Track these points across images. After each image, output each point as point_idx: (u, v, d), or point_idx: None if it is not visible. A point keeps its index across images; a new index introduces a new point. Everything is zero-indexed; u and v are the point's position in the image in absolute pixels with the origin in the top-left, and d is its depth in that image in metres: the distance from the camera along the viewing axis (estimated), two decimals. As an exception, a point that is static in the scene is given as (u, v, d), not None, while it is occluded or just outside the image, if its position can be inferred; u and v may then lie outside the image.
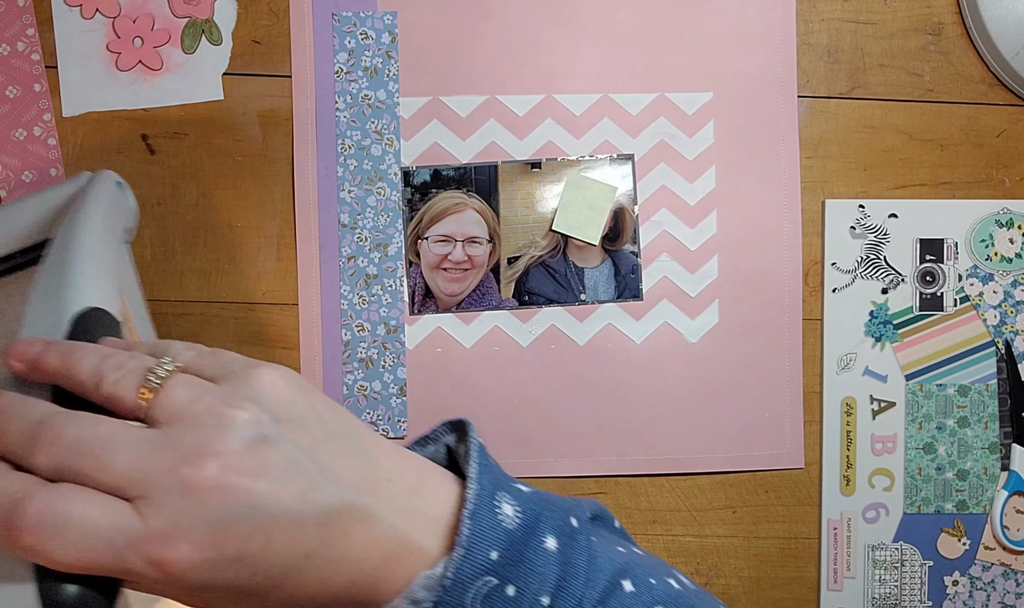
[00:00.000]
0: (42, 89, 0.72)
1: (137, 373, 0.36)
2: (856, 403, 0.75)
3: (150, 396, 0.35)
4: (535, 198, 0.74)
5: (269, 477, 0.35)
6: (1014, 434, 0.75)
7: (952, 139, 0.75)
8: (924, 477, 0.75)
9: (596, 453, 0.75)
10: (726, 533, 0.76)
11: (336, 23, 0.74)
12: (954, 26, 0.75)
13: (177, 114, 0.73)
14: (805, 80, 0.75)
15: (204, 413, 0.35)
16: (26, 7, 0.72)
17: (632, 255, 0.74)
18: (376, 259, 0.74)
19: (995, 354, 0.75)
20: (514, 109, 0.74)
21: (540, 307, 0.75)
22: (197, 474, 0.33)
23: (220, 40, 0.73)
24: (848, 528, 0.75)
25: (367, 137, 0.74)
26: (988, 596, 0.76)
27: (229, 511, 0.34)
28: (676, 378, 0.75)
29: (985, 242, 0.75)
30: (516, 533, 0.38)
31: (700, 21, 0.74)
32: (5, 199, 0.72)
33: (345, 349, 0.74)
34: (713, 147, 0.75)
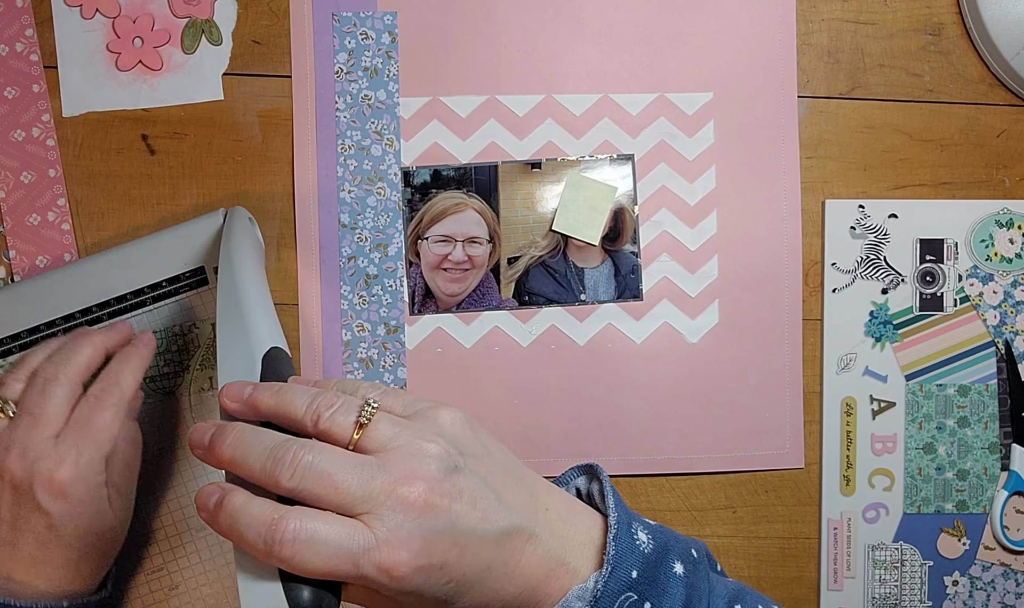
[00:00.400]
0: (41, 90, 0.72)
1: (349, 411, 0.44)
2: (856, 403, 0.75)
3: (361, 432, 0.43)
4: (535, 198, 0.74)
5: (461, 500, 0.43)
6: (1014, 434, 0.75)
7: (952, 139, 0.75)
8: (924, 477, 0.75)
9: (596, 453, 0.75)
10: (726, 533, 0.76)
11: (336, 23, 0.74)
12: (954, 26, 0.75)
13: (177, 114, 0.73)
14: (805, 80, 0.75)
15: (405, 445, 0.43)
16: (25, 8, 0.72)
17: (632, 255, 0.74)
18: (376, 259, 0.74)
19: (995, 354, 0.75)
20: (514, 109, 0.74)
21: (540, 307, 0.75)
22: (410, 494, 0.41)
23: (220, 40, 0.73)
24: (848, 528, 0.75)
25: (367, 137, 0.74)
26: (988, 596, 0.76)
27: (435, 526, 0.42)
28: (676, 378, 0.75)
29: (985, 242, 0.75)
30: (651, 557, 0.46)
31: (700, 21, 0.74)
32: (3, 200, 0.72)
33: (345, 349, 0.74)
34: (713, 147, 0.75)
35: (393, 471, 0.42)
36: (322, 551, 0.40)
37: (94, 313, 0.69)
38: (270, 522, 0.41)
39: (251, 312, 0.55)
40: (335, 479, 0.42)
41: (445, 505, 0.42)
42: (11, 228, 0.72)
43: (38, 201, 0.72)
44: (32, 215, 0.72)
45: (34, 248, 0.72)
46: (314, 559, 0.40)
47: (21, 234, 0.72)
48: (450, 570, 0.42)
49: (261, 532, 0.41)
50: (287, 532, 0.40)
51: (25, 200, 0.72)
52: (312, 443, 0.43)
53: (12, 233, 0.72)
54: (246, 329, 0.53)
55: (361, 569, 0.41)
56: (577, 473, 0.53)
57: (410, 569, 0.41)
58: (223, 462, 0.44)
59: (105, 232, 0.73)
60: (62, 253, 0.72)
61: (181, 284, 0.69)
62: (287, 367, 0.52)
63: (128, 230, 0.73)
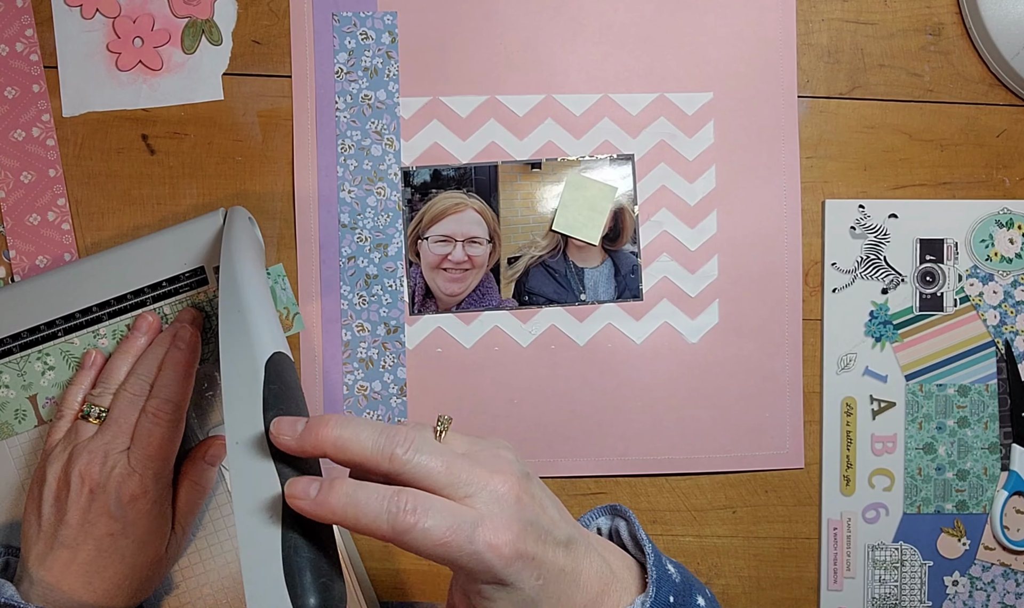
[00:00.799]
0: (41, 90, 0.72)
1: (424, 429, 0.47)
2: (856, 403, 0.75)
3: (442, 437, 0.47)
4: (535, 198, 0.74)
5: (536, 502, 0.46)
6: (1014, 434, 0.75)
7: (952, 139, 0.75)
8: (924, 477, 0.75)
9: (596, 453, 0.75)
10: (726, 533, 0.76)
11: (336, 23, 0.74)
12: (954, 26, 0.75)
13: (177, 114, 0.73)
14: (805, 80, 0.75)
15: (484, 450, 0.47)
16: (25, 8, 0.72)
17: (632, 255, 0.74)
18: (376, 259, 0.74)
19: (995, 354, 0.75)
20: (514, 109, 0.74)
21: (540, 307, 0.74)
22: (503, 486, 0.45)
23: (220, 40, 0.73)
24: (848, 528, 0.75)
25: (367, 137, 0.74)
26: (988, 596, 0.76)
27: (524, 517, 0.45)
28: (676, 378, 0.75)
29: (985, 242, 0.75)
30: (680, 586, 0.50)
31: (700, 21, 0.74)
32: (3, 200, 0.72)
33: (345, 349, 0.74)
34: (713, 147, 0.75)
35: (485, 465, 0.46)
36: (441, 522, 0.43)
37: (94, 313, 0.69)
38: (389, 495, 0.43)
39: (253, 317, 0.54)
40: (444, 458, 0.45)
41: (527, 501, 0.46)
42: (11, 228, 0.72)
43: (38, 201, 0.72)
44: (32, 215, 0.72)
45: (34, 248, 0.72)
46: (435, 528, 0.43)
47: (21, 234, 0.72)
48: (539, 565, 0.45)
49: (383, 504, 0.43)
50: (408, 502, 0.43)
51: (25, 200, 0.72)
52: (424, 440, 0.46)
53: (12, 233, 0.72)
54: (248, 334, 0.53)
55: (474, 543, 0.43)
56: (599, 514, 0.56)
57: (513, 550, 0.44)
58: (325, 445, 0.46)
59: (105, 232, 0.73)
60: (62, 253, 0.72)
61: (181, 284, 0.69)
62: (290, 372, 0.52)
63: (128, 230, 0.73)
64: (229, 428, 0.48)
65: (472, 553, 0.43)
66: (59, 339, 0.69)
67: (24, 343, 0.68)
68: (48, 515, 0.62)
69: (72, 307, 0.68)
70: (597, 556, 0.49)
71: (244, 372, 0.51)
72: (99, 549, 0.61)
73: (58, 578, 0.60)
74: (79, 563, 0.61)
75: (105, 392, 0.65)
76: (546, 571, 0.45)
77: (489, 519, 0.44)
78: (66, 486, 0.62)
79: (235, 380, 0.50)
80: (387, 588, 0.75)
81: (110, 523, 0.61)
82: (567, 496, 0.75)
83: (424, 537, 0.43)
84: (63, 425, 0.66)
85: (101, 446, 0.62)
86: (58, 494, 0.62)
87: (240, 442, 0.48)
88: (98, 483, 0.61)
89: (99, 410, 0.64)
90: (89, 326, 0.69)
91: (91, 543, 0.61)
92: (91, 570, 0.61)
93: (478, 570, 0.44)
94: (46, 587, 0.60)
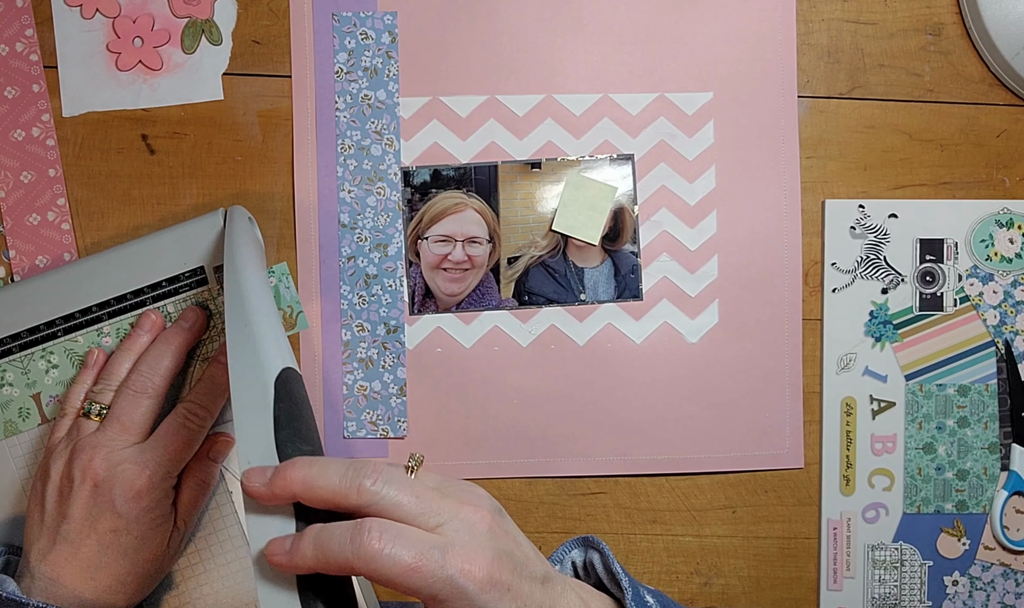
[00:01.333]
0: (40, 89, 0.72)
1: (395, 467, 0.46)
2: (856, 403, 0.75)
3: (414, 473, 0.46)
4: (535, 198, 0.74)
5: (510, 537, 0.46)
6: (1014, 434, 0.75)
7: (952, 139, 0.75)
8: (924, 477, 0.75)
9: (596, 453, 0.75)
10: (726, 533, 0.76)
11: (336, 23, 0.73)
12: (954, 26, 0.75)
13: (177, 114, 0.73)
14: (805, 80, 0.75)
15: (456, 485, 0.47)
16: (25, 8, 0.72)
17: (632, 255, 0.74)
18: (376, 259, 0.74)
19: (995, 354, 0.75)
20: (514, 109, 0.74)
21: (540, 307, 0.74)
22: (474, 516, 0.45)
23: (220, 40, 0.73)
24: (848, 528, 0.75)
25: (367, 137, 0.74)
26: (988, 596, 0.76)
27: (497, 546, 0.44)
28: (676, 378, 0.75)
29: (985, 242, 0.75)
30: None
31: (700, 21, 0.74)
32: (3, 200, 0.72)
33: (345, 349, 0.74)
34: (713, 147, 0.75)
35: (455, 497, 0.45)
36: (409, 547, 0.42)
37: (94, 313, 0.69)
38: (354, 525, 0.43)
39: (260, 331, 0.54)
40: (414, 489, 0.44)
41: (500, 533, 0.45)
42: (11, 228, 0.72)
43: (38, 201, 0.72)
44: (32, 215, 0.72)
45: (34, 248, 0.72)
46: (403, 553, 0.42)
47: (21, 234, 0.72)
48: (515, 596, 0.44)
49: (347, 535, 0.42)
50: (372, 528, 0.42)
51: (25, 200, 0.72)
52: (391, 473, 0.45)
53: (12, 233, 0.72)
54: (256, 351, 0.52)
55: (446, 568, 0.42)
56: (571, 546, 0.56)
57: (487, 576, 0.43)
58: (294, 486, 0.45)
59: (105, 232, 0.73)
60: (62, 253, 0.72)
61: (181, 284, 0.69)
62: (298, 387, 0.52)
63: (128, 230, 0.73)
64: (241, 449, 0.48)
65: (446, 579, 0.42)
66: (62, 338, 0.69)
67: (24, 343, 0.68)
68: (51, 511, 0.62)
69: (72, 307, 0.68)
70: (575, 595, 0.48)
71: (254, 392, 0.50)
72: (101, 545, 0.61)
73: (60, 573, 0.61)
74: (81, 558, 0.61)
75: (106, 389, 0.65)
76: (525, 603, 0.44)
77: (460, 546, 0.43)
78: (69, 482, 0.62)
79: (245, 400, 0.50)
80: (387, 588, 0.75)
81: (113, 519, 0.61)
82: (567, 496, 0.75)
83: (392, 563, 0.42)
84: (66, 423, 0.66)
85: (104, 442, 0.62)
86: (61, 490, 0.62)
87: (252, 463, 0.48)
88: (101, 478, 0.61)
89: (100, 407, 0.65)
90: (89, 326, 0.69)
91: (93, 539, 0.61)
92: (93, 566, 0.61)
93: (453, 598, 0.43)
94: (48, 582, 0.60)
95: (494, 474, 0.75)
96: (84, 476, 0.61)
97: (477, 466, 0.74)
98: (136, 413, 0.64)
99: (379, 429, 0.74)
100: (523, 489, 0.75)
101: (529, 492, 0.75)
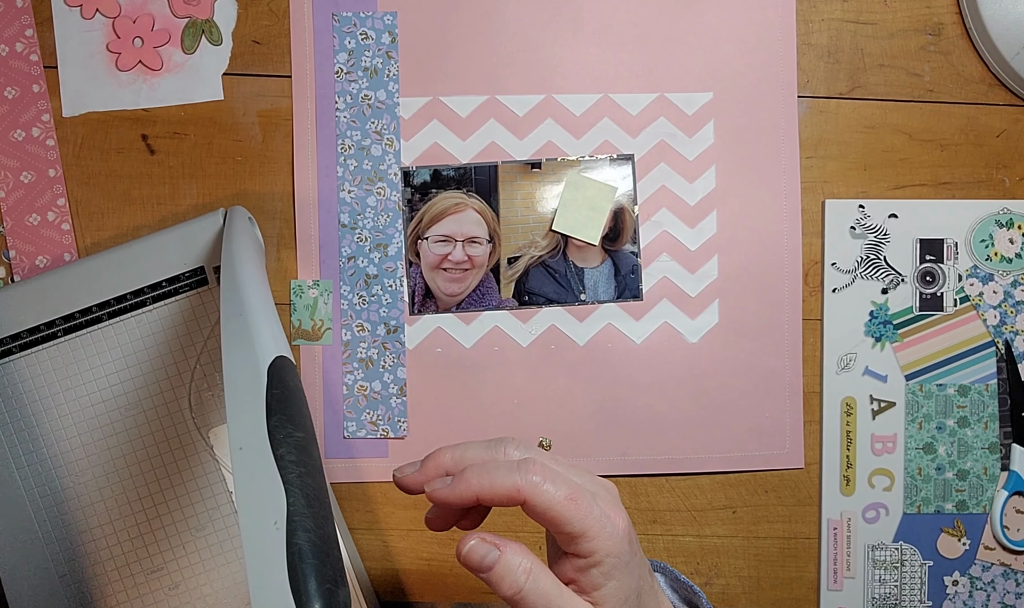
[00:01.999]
0: (41, 90, 0.72)
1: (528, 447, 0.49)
2: (856, 403, 0.75)
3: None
4: (535, 198, 0.74)
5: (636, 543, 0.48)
6: (1014, 434, 0.75)
7: (952, 139, 0.75)
8: (924, 477, 0.75)
9: (596, 453, 0.75)
10: (726, 533, 0.76)
11: (336, 23, 0.73)
12: (954, 26, 0.75)
13: (177, 114, 0.73)
14: (805, 80, 0.75)
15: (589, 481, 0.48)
16: (25, 8, 0.72)
17: (632, 255, 0.74)
18: (376, 259, 0.74)
19: (995, 354, 0.75)
20: (514, 109, 0.74)
21: (540, 307, 0.74)
22: (620, 523, 0.46)
23: (220, 40, 0.73)
24: (848, 528, 0.75)
25: (367, 137, 0.74)
26: (988, 596, 0.76)
27: (626, 516, 0.47)
28: (676, 378, 0.75)
29: (985, 242, 0.75)
30: None
31: (700, 21, 0.74)
32: (3, 200, 0.72)
33: (345, 349, 0.74)
34: (713, 147, 0.75)
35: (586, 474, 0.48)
36: (566, 482, 0.45)
37: (94, 313, 0.69)
38: (519, 461, 0.46)
39: (255, 321, 0.55)
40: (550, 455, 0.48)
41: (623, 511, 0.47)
42: (11, 228, 0.72)
43: (38, 201, 0.72)
44: (32, 215, 0.72)
45: (34, 248, 0.72)
46: (562, 486, 0.44)
47: (21, 234, 0.72)
48: (640, 564, 0.47)
49: (513, 466, 0.45)
50: (536, 464, 0.45)
51: (25, 200, 0.72)
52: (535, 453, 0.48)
53: (12, 233, 0.72)
54: (250, 340, 0.53)
55: (596, 506, 0.45)
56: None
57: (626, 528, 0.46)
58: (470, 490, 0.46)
59: (105, 232, 0.73)
60: (62, 253, 0.72)
61: (181, 284, 0.69)
62: (292, 376, 0.52)
63: (128, 230, 0.73)
64: (232, 434, 0.48)
65: (598, 515, 0.45)
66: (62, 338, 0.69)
67: (24, 344, 0.68)
68: None
69: (72, 307, 0.68)
70: (666, 595, 0.52)
71: (247, 378, 0.51)
72: None
73: None
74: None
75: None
76: (645, 575, 0.48)
77: (603, 499, 0.46)
78: None
79: (238, 385, 0.51)
80: (387, 588, 0.75)
81: None
82: (567, 496, 0.75)
83: (554, 491, 0.44)
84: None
85: None
86: None
87: (244, 447, 0.48)
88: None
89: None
90: (89, 326, 0.69)
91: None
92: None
93: (602, 537, 0.45)
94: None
95: (494, 474, 0.75)
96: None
97: (477, 466, 0.74)
98: None
99: (379, 429, 0.74)
100: (523, 489, 0.75)
101: (529, 492, 0.75)
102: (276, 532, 0.45)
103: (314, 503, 0.46)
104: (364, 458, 0.74)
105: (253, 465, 0.47)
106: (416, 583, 0.75)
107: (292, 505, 0.46)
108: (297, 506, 0.46)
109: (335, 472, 0.74)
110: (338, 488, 0.74)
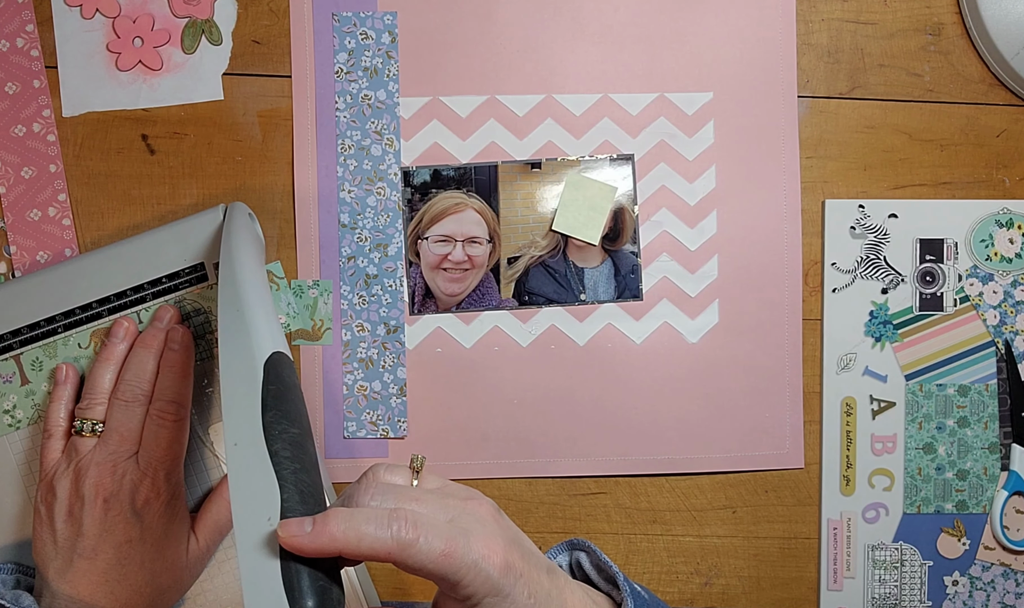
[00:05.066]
0: (41, 85, 0.72)
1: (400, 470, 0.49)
2: (856, 403, 0.75)
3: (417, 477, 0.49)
4: (535, 198, 0.74)
5: (512, 529, 0.48)
6: (1014, 434, 0.75)
7: (952, 139, 0.75)
8: (924, 477, 0.75)
9: (596, 453, 0.75)
10: (726, 533, 0.76)
11: (336, 23, 0.74)
12: (954, 26, 0.75)
13: (177, 114, 0.73)
14: (805, 80, 0.75)
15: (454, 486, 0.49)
16: (25, 4, 0.72)
17: (632, 255, 0.74)
18: (376, 259, 0.74)
19: (995, 354, 0.75)
20: (514, 109, 0.74)
21: (540, 307, 0.74)
22: (480, 509, 0.47)
23: (220, 40, 0.73)
24: (848, 528, 0.75)
25: (367, 137, 0.74)
26: (988, 596, 0.75)
27: (506, 536, 0.46)
28: (676, 378, 0.75)
29: (985, 242, 0.75)
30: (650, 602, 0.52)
31: (700, 21, 0.75)
32: (4, 195, 0.72)
33: (345, 349, 0.74)
34: (713, 147, 0.75)
35: (458, 495, 0.48)
36: (439, 533, 0.43)
37: (94, 309, 0.68)
38: (388, 511, 0.44)
39: (252, 316, 0.54)
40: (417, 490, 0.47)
41: (505, 525, 0.47)
42: (12, 223, 0.72)
43: (39, 196, 0.72)
44: (33, 210, 0.72)
45: (35, 243, 0.72)
46: (435, 540, 0.43)
47: (22, 229, 0.72)
48: (528, 582, 0.46)
49: (383, 520, 0.43)
50: (407, 516, 0.43)
51: (26, 195, 0.72)
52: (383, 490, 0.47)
53: (13, 228, 0.72)
54: (247, 334, 0.53)
55: (471, 552, 0.44)
56: (558, 551, 0.57)
57: (503, 560, 0.44)
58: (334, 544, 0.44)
59: (105, 232, 0.73)
60: (63, 249, 0.72)
61: (181, 280, 0.69)
62: (289, 372, 0.52)
63: (128, 230, 0.73)
64: (228, 429, 0.48)
65: (472, 563, 0.44)
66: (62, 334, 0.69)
67: (24, 339, 0.68)
68: (63, 530, 0.62)
69: (73, 303, 0.68)
70: (579, 588, 0.50)
71: (243, 372, 0.51)
72: (118, 556, 0.61)
73: (79, 589, 0.61)
74: (99, 572, 0.61)
75: (94, 404, 0.65)
76: (535, 590, 0.46)
77: (476, 534, 0.45)
78: (79, 500, 0.62)
79: (233, 380, 0.50)
80: (387, 588, 0.75)
81: (128, 529, 0.62)
82: (567, 496, 0.75)
83: (428, 549, 0.43)
84: (55, 444, 0.65)
85: (108, 456, 0.62)
86: (71, 509, 0.62)
87: (239, 443, 0.48)
88: (111, 492, 0.62)
89: (92, 423, 0.64)
90: (89, 322, 0.69)
91: (110, 551, 0.61)
92: (112, 578, 0.61)
93: (477, 582, 0.44)
94: (68, 600, 0.60)
95: (494, 474, 0.75)
96: (95, 492, 0.62)
97: (477, 466, 0.74)
98: (132, 422, 0.64)
99: (379, 429, 0.74)
100: (523, 489, 0.75)
101: (529, 492, 0.75)
102: (270, 527, 0.45)
103: (308, 499, 0.46)
104: (364, 458, 0.74)
105: (247, 460, 0.47)
106: (416, 583, 0.75)
107: (286, 501, 0.46)
108: (291, 502, 0.46)
109: (335, 472, 0.74)
110: (339, 488, 0.74)
